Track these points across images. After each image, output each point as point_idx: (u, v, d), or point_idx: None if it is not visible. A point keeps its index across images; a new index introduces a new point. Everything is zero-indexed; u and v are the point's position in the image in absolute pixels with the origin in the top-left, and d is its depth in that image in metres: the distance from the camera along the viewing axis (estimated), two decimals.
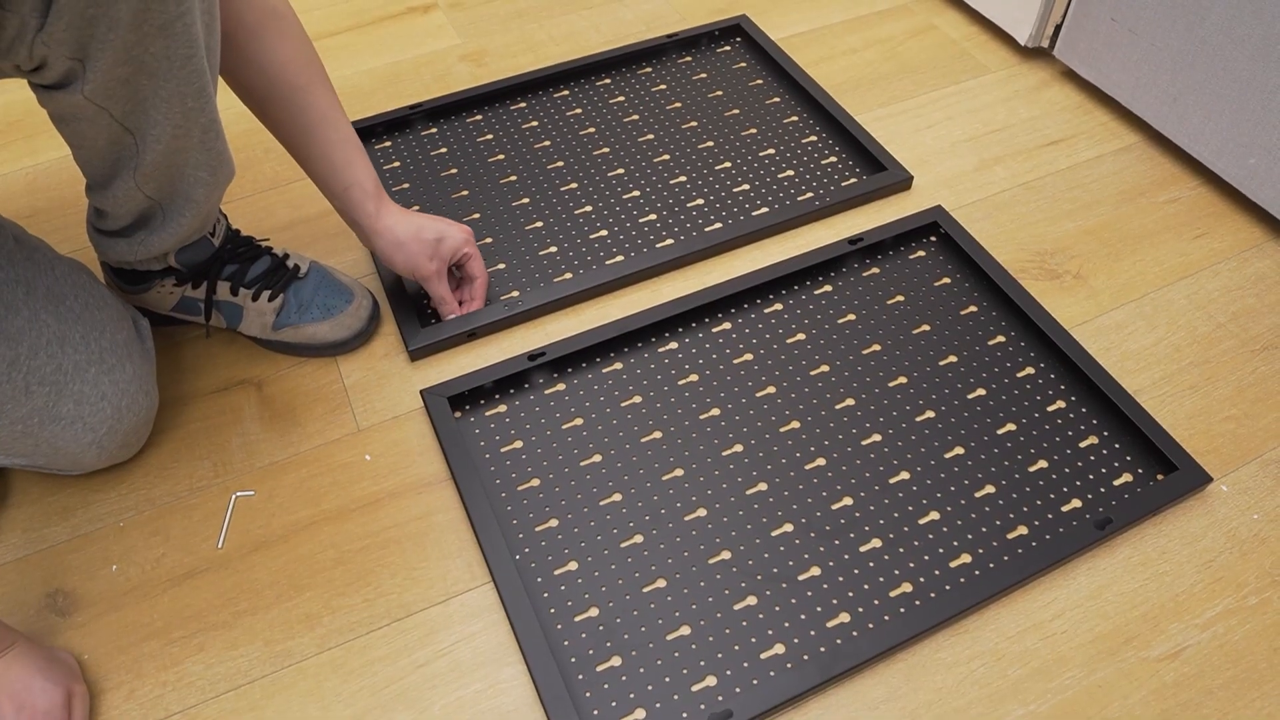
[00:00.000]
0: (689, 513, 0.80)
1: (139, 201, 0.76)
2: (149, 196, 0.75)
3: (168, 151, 0.72)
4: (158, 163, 0.72)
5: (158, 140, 0.70)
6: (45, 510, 0.82)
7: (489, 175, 1.10)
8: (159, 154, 0.71)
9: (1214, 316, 0.95)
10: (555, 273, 0.99)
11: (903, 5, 1.37)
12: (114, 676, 0.72)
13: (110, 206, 0.77)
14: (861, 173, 1.09)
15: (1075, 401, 0.87)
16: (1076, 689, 0.71)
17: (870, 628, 0.72)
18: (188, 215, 0.78)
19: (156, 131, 0.70)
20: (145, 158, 0.71)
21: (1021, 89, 1.23)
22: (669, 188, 1.08)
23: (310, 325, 0.90)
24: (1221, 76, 1.02)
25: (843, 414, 0.86)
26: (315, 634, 0.74)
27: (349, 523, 0.81)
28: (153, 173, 0.73)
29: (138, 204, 0.76)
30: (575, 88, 1.22)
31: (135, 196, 0.75)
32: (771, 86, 1.21)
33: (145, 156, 0.71)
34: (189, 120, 0.71)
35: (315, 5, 1.38)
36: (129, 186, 0.74)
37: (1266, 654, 0.72)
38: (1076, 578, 0.77)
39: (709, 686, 0.70)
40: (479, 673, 0.72)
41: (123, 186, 0.74)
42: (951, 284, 0.97)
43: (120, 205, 0.76)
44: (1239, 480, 0.82)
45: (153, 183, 0.74)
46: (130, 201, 0.76)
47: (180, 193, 0.76)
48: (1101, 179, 1.10)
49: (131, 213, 0.77)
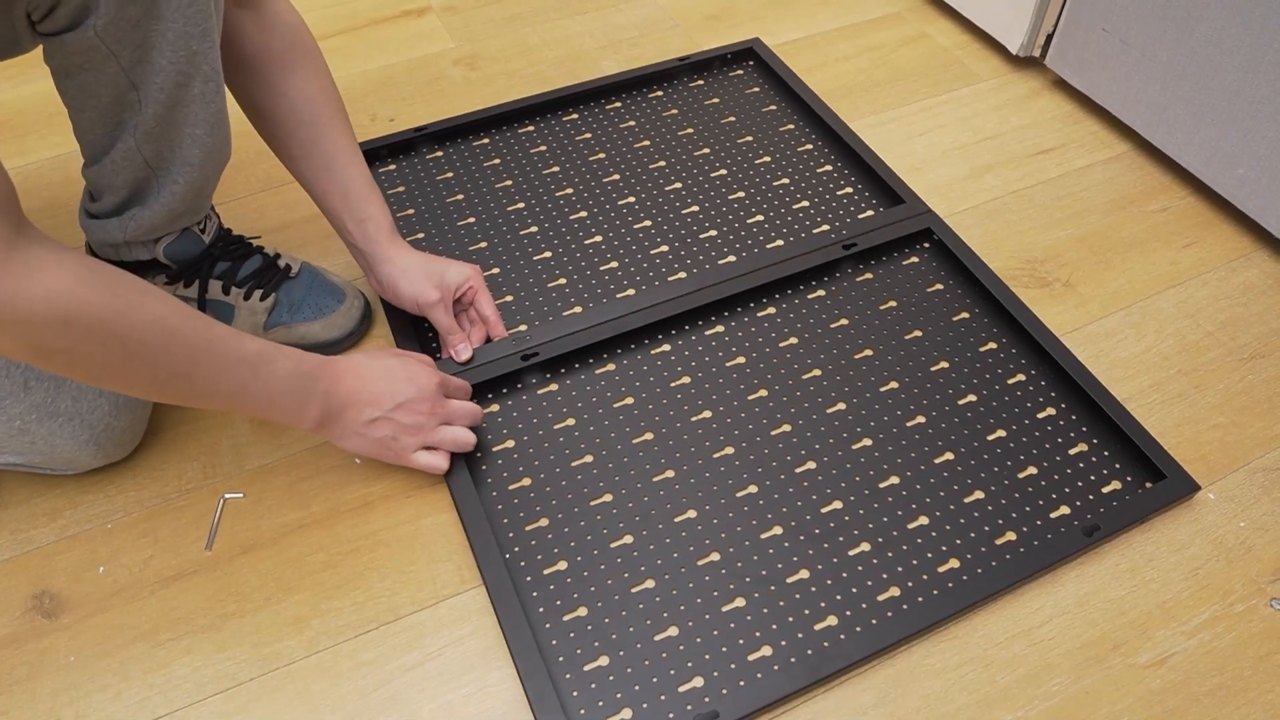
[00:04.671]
0: (679, 514, 0.80)
1: (136, 167, 0.76)
2: (146, 161, 0.76)
3: (169, 104, 0.72)
4: (159, 116, 0.72)
5: (161, 89, 0.71)
6: (32, 512, 0.81)
7: (496, 202, 1.07)
8: (160, 106, 0.72)
9: (1202, 325, 0.96)
10: (565, 306, 0.96)
11: (895, 13, 1.38)
12: (100, 679, 0.72)
13: (107, 178, 0.77)
14: (879, 205, 1.06)
15: (1065, 409, 0.87)
16: (1064, 695, 0.71)
17: (858, 631, 0.73)
18: (181, 182, 0.78)
19: (160, 79, 0.70)
20: (147, 111, 0.72)
21: (1013, 97, 1.24)
22: (681, 218, 1.06)
23: (302, 325, 0.90)
24: (1211, 87, 1.03)
25: (834, 418, 0.86)
26: (304, 637, 0.74)
27: (338, 525, 0.80)
28: (154, 128, 0.73)
29: (134, 171, 0.76)
30: (585, 111, 1.19)
31: (134, 161, 0.75)
32: (785, 113, 1.19)
33: (147, 110, 0.72)
34: (192, 65, 0.71)
35: (309, 7, 1.38)
36: (128, 148, 0.74)
37: (1252, 661, 0.73)
38: (1064, 584, 0.77)
39: (696, 687, 0.70)
40: (468, 676, 0.72)
41: (122, 149, 0.74)
42: (944, 290, 0.98)
43: (117, 174, 0.76)
44: (1226, 488, 0.83)
45: (152, 143, 0.74)
46: (128, 167, 0.76)
47: (177, 156, 0.77)
48: (1092, 187, 1.11)
49: (127, 183, 0.77)
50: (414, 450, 0.78)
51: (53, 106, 1.06)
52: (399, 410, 0.76)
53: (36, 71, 0.75)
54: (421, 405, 0.77)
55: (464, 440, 0.80)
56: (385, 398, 0.75)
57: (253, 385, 0.68)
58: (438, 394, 0.79)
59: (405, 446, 0.78)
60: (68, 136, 0.81)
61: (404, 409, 0.76)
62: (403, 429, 0.77)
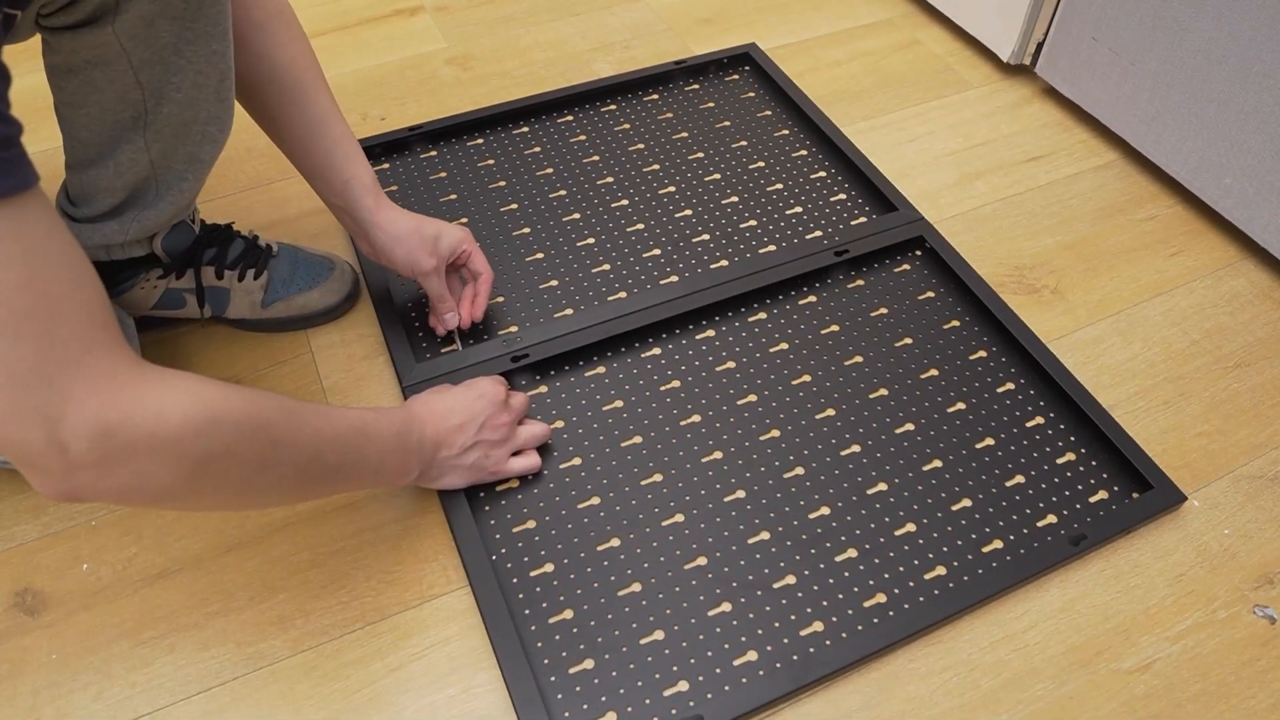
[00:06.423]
0: (666, 518, 0.80)
1: (141, 168, 0.75)
2: (152, 161, 0.75)
3: (185, 103, 0.72)
4: (173, 116, 0.72)
5: (178, 89, 0.70)
6: (16, 508, 0.81)
7: (489, 202, 1.07)
8: (177, 104, 0.71)
9: (1188, 333, 0.97)
10: (556, 308, 0.96)
11: (887, 20, 1.38)
12: (83, 677, 0.71)
13: (107, 180, 0.76)
14: (872, 212, 1.06)
15: (1054, 418, 0.87)
16: (1048, 700, 0.71)
17: (844, 637, 0.73)
18: (190, 179, 0.78)
19: (178, 79, 0.70)
20: (162, 110, 0.71)
21: (1003, 105, 1.24)
22: (674, 221, 1.05)
23: (300, 296, 0.91)
24: (1199, 97, 1.03)
25: (823, 424, 0.87)
26: (288, 636, 0.74)
27: (324, 525, 0.80)
28: (165, 127, 0.73)
29: (138, 172, 0.76)
30: (580, 113, 1.19)
31: (139, 162, 0.74)
32: (780, 118, 1.19)
33: (162, 109, 0.71)
34: (211, 65, 0.71)
35: (301, 5, 1.37)
36: (136, 148, 0.73)
37: (1235, 667, 0.73)
38: (1049, 590, 0.77)
39: (681, 691, 0.70)
40: (453, 677, 0.72)
41: (129, 151, 0.73)
42: (935, 298, 0.98)
43: (120, 176, 0.75)
44: (1210, 496, 0.83)
45: (160, 142, 0.74)
46: (132, 168, 0.75)
47: (188, 155, 0.76)
48: (1080, 195, 1.12)
49: (128, 185, 0.77)
50: (507, 460, 0.79)
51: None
52: (483, 429, 0.77)
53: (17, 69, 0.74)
54: (500, 416, 0.78)
55: (541, 433, 0.82)
56: (470, 424, 0.76)
57: (367, 450, 0.67)
58: (506, 396, 0.80)
59: (499, 460, 0.78)
60: (41, 135, 0.79)
61: (487, 426, 0.77)
62: (492, 445, 0.78)
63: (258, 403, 0.58)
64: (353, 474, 0.67)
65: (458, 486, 0.78)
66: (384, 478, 0.71)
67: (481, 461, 0.77)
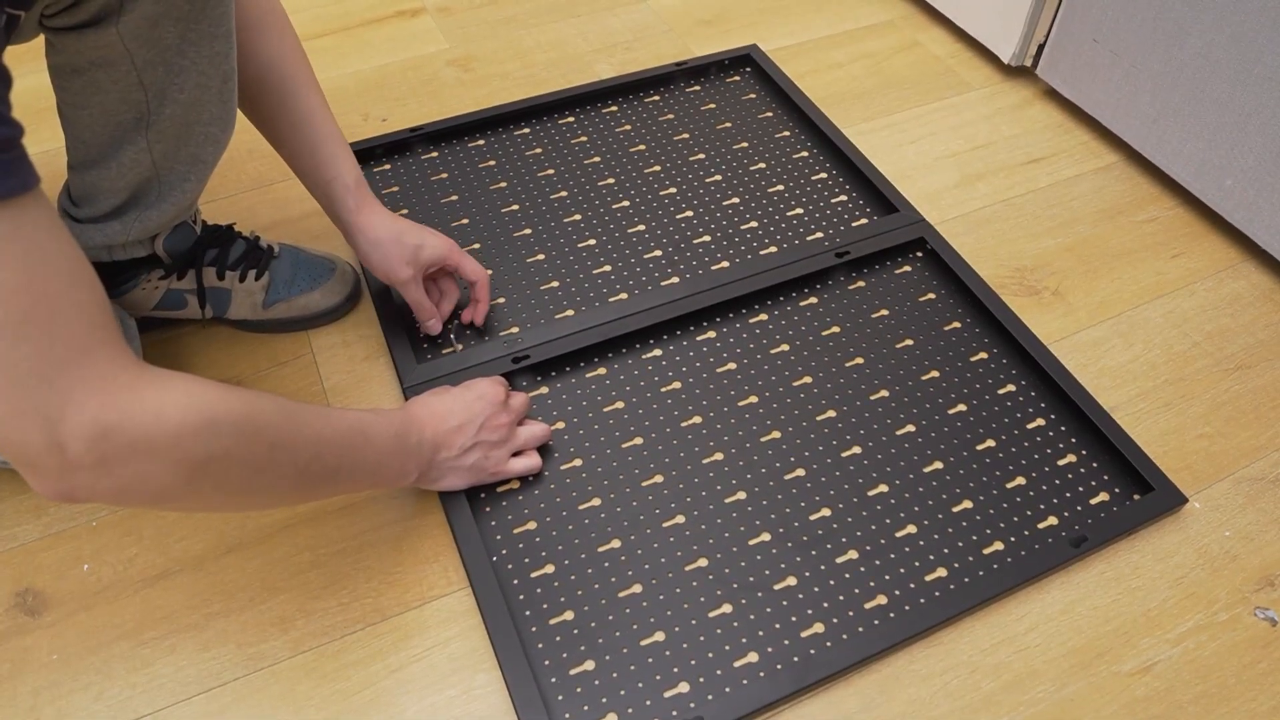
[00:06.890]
0: (667, 519, 0.80)
1: (143, 169, 0.75)
2: (154, 162, 0.75)
3: (188, 104, 0.72)
4: (176, 116, 0.72)
5: (181, 89, 0.70)
6: (16, 508, 0.81)
7: (490, 203, 1.07)
8: (180, 105, 0.71)
9: (1189, 335, 0.97)
10: (557, 309, 0.96)
11: (888, 21, 1.38)
12: (83, 677, 0.71)
13: (109, 181, 0.76)
14: (873, 213, 1.06)
15: (1055, 420, 0.87)
16: (1049, 702, 0.71)
17: (844, 638, 0.73)
18: (193, 179, 0.78)
19: (181, 80, 0.70)
20: (165, 110, 0.71)
21: (1004, 107, 1.24)
22: (675, 223, 1.05)
23: (302, 297, 0.91)
24: (1200, 99, 1.03)
25: (823, 425, 0.87)
26: (289, 637, 0.74)
27: (325, 525, 0.80)
28: (168, 128, 0.73)
29: (140, 172, 0.75)
30: (581, 115, 1.19)
31: (141, 162, 0.74)
32: (781, 119, 1.19)
33: (165, 110, 0.71)
34: (214, 66, 0.71)
35: (302, 6, 1.38)
36: (138, 148, 0.73)
37: (1236, 670, 0.73)
38: (1050, 592, 0.77)
39: (681, 693, 0.70)
40: (453, 678, 0.72)
41: (132, 151, 0.73)
42: (936, 300, 0.98)
43: (122, 176, 0.75)
44: (1211, 498, 0.83)
45: (163, 142, 0.74)
46: (134, 169, 0.75)
47: (191, 155, 0.76)
48: (1081, 197, 1.12)
49: (129, 185, 0.77)
50: (507, 461, 0.79)
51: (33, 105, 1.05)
52: (482, 430, 0.76)
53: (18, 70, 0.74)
54: (499, 417, 0.78)
55: (541, 434, 0.82)
56: (469, 425, 0.76)
57: (366, 452, 0.67)
58: (505, 397, 0.80)
59: (499, 460, 0.78)
60: (43, 135, 0.80)
61: (486, 427, 0.77)
62: (491, 446, 0.77)
63: (256, 404, 0.58)
64: (352, 475, 0.67)
65: (458, 488, 0.78)
66: (383, 479, 0.71)
67: (481, 462, 0.77)
